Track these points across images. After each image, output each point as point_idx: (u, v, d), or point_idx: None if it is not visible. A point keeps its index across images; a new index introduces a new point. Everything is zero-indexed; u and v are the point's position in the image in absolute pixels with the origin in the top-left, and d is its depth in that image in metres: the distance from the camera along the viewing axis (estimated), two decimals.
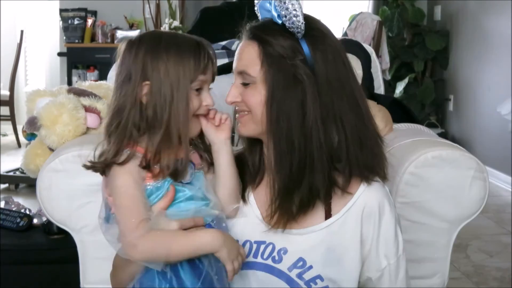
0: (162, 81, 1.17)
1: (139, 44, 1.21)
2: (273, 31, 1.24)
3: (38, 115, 1.76)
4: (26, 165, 1.85)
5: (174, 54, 1.19)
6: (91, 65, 5.82)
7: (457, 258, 3.07)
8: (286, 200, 1.25)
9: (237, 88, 1.28)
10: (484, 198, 1.61)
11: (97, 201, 1.58)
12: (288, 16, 1.22)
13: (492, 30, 4.96)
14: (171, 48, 1.19)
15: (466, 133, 5.43)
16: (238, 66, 1.28)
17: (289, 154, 1.22)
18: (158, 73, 1.17)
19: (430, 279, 1.65)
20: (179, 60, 1.19)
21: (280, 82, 1.22)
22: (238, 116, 1.29)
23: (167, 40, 1.21)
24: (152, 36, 1.25)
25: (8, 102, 6.02)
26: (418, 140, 1.70)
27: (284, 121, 1.21)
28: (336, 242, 1.28)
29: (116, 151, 1.17)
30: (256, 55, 1.24)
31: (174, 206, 1.18)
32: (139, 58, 1.19)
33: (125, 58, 1.22)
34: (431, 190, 1.59)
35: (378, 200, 1.29)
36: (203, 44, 1.24)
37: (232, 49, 2.23)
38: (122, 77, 1.20)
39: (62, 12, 5.85)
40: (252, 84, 1.25)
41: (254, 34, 1.26)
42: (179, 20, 5.62)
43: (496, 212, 3.96)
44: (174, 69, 1.18)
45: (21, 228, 2.18)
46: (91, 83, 2.05)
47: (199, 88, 1.21)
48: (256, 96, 1.24)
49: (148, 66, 1.18)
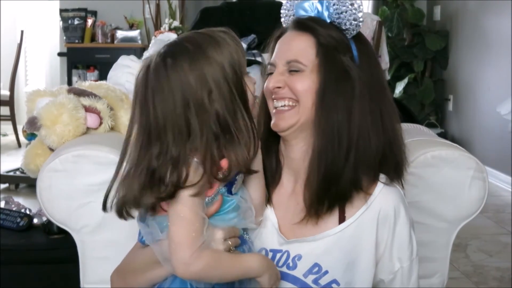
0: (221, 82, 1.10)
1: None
2: (325, 25, 1.28)
3: (38, 115, 1.76)
4: (26, 165, 1.85)
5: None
6: (91, 65, 5.83)
7: (456, 258, 3.07)
8: (319, 199, 1.24)
9: (281, 75, 1.27)
10: (484, 198, 1.61)
11: (97, 201, 1.58)
12: (343, 14, 1.27)
13: (492, 30, 4.96)
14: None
15: (465, 133, 5.43)
16: (288, 56, 1.27)
17: (332, 147, 1.22)
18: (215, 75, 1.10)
19: (429, 278, 1.65)
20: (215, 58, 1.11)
21: (332, 73, 1.24)
22: (279, 110, 1.27)
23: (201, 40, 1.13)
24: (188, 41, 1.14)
25: (8, 102, 6.02)
26: (418, 140, 1.70)
27: (334, 112, 1.23)
28: (351, 245, 1.27)
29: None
30: (309, 44, 1.26)
31: (219, 216, 1.14)
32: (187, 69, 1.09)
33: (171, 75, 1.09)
34: (430, 190, 1.59)
35: (394, 203, 1.29)
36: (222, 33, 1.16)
37: None
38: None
39: (62, 12, 5.85)
40: (300, 72, 1.26)
41: (306, 25, 1.28)
42: (179, 20, 5.62)
43: (495, 212, 3.96)
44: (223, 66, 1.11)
45: (21, 228, 2.19)
46: (91, 83, 2.05)
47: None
48: (306, 83, 1.25)
49: (205, 72, 1.10)
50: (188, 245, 1.06)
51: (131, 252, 1.26)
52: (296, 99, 1.26)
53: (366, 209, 1.28)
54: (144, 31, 5.91)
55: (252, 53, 2.23)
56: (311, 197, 1.25)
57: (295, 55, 1.26)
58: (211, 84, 1.08)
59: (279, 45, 1.31)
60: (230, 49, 1.11)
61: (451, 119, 5.76)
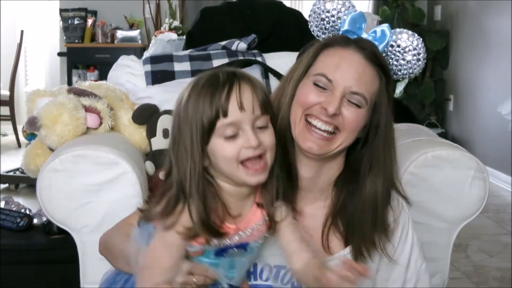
0: (184, 129, 1.08)
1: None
2: (388, 65, 1.27)
3: (38, 115, 1.76)
4: (26, 165, 1.85)
5: (192, 94, 1.09)
6: (91, 65, 5.82)
7: (457, 258, 3.07)
8: (367, 237, 1.26)
9: (340, 101, 1.21)
10: (484, 198, 1.61)
11: (97, 201, 1.58)
12: (407, 65, 1.27)
13: (492, 30, 4.96)
14: (192, 87, 1.10)
15: (466, 133, 5.42)
16: (356, 87, 1.21)
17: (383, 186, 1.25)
18: (183, 119, 1.08)
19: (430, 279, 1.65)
20: (195, 101, 1.08)
21: (383, 117, 1.25)
22: (317, 133, 1.22)
23: (196, 78, 1.12)
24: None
25: (8, 102, 6.01)
26: (418, 140, 1.70)
27: (382, 153, 1.26)
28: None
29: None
30: (375, 81, 1.24)
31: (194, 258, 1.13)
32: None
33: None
34: (431, 190, 1.59)
35: (402, 223, 1.31)
36: (226, 77, 1.09)
37: (232, 49, 2.23)
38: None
39: (62, 12, 5.85)
40: (359, 108, 1.22)
41: (378, 60, 1.25)
42: (179, 20, 5.62)
43: (496, 212, 3.96)
44: (192, 112, 1.07)
45: (21, 228, 2.18)
46: (91, 83, 2.04)
47: (232, 135, 1.07)
48: (361, 120, 1.23)
49: (181, 111, 1.09)
50: (150, 274, 1.08)
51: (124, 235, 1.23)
52: (340, 129, 1.23)
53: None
54: (144, 31, 5.91)
55: (252, 53, 2.22)
56: (357, 236, 1.26)
57: (364, 89, 1.22)
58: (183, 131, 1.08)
59: (343, 64, 1.22)
60: (204, 106, 1.07)
61: (452, 119, 5.75)
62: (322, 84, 1.22)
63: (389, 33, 1.25)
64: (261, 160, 1.08)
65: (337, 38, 1.28)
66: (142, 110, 1.90)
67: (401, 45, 1.27)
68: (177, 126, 1.09)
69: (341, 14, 1.30)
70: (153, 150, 1.87)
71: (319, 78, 1.22)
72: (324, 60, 1.24)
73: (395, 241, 1.30)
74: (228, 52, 2.20)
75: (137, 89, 2.00)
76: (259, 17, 2.57)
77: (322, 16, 1.30)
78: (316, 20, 1.32)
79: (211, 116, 1.05)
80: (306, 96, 1.23)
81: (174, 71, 2.10)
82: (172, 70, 2.10)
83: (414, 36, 1.27)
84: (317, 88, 1.22)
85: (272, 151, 1.10)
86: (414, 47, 1.27)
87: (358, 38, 1.26)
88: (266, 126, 1.10)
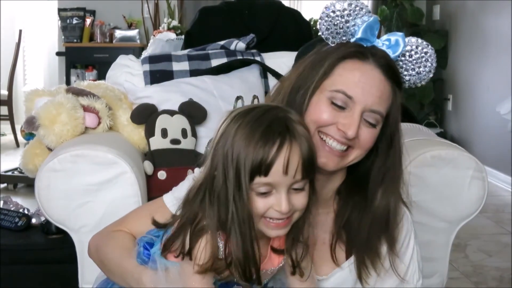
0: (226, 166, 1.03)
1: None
2: (399, 74, 1.23)
3: (36, 115, 1.75)
4: (25, 164, 1.85)
5: (242, 131, 1.03)
6: (90, 65, 5.82)
7: (456, 258, 3.07)
8: (372, 246, 1.24)
9: (359, 124, 1.16)
10: (483, 197, 1.61)
11: (95, 201, 1.58)
12: (413, 76, 1.24)
13: (491, 29, 4.96)
14: (242, 125, 1.03)
15: (465, 132, 5.42)
16: (375, 104, 1.17)
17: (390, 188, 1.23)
18: (224, 154, 1.03)
19: (429, 278, 1.65)
20: (245, 142, 1.02)
21: (398, 121, 1.23)
22: (332, 150, 1.18)
23: (248, 113, 1.05)
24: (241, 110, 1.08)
25: (7, 102, 6.01)
26: (417, 140, 1.69)
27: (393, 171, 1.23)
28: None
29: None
30: (390, 95, 1.20)
31: None
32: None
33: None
34: (430, 190, 1.59)
35: (404, 232, 1.30)
36: (280, 130, 1.03)
37: (231, 49, 2.23)
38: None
39: (60, 11, 5.85)
40: (375, 126, 1.19)
41: (394, 74, 1.20)
42: (177, 20, 5.61)
43: (495, 211, 3.96)
44: (242, 153, 1.02)
45: (19, 228, 2.18)
46: (89, 83, 2.04)
47: (265, 192, 1.03)
48: (374, 137, 1.19)
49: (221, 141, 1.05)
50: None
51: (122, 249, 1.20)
52: (354, 147, 1.19)
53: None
54: (143, 30, 5.91)
55: (251, 53, 2.22)
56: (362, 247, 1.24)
57: (383, 107, 1.18)
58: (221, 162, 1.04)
59: (364, 80, 1.16)
60: (256, 150, 1.01)
61: (451, 118, 5.75)
62: (340, 102, 1.16)
63: (402, 44, 1.20)
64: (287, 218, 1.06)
65: (353, 49, 1.20)
66: (141, 109, 1.90)
67: (413, 56, 1.22)
68: (220, 159, 1.04)
69: (357, 20, 1.22)
70: (151, 149, 1.87)
71: (337, 95, 1.16)
72: (342, 74, 1.17)
73: (397, 248, 1.28)
74: (227, 51, 2.20)
75: (135, 89, 2.00)
76: (258, 17, 2.57)
77: (336, 22, 1.22)
78: (327, 24, 1.23)
79: (253, 170, 1.01)
80: (321, 114, 1.17)
81: (173, 70, 2.10)
82: (170, 69, 2.10)
83: (428, 46, 1.23)
84: (333, 107, 1.17)
85: (301, 212, 1.07)
86: (426, 58, 1.23)
87: (373, 49, 1.20)
88: (302, 189, 1.05)
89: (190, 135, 1.90)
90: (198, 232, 1.05)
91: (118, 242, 1.22)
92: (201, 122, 1.94)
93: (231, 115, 1.06)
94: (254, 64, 2.12)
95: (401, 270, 1.28)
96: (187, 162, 1.83)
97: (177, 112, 1.91)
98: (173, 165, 1.84)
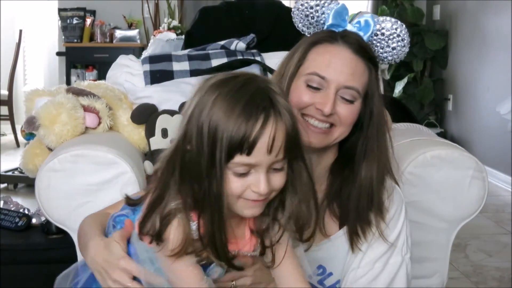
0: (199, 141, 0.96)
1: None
2: (375, 55, 1.30)
3: (36, 115, 1.75)
4: (25, 164, 1.85)
5: (221, 101, 0.95)
6: (90, 65, 5.82)
7: (456, 258, 3.07)
8: (361, 217, 1.28)
9: (334, 101, 1.23)
10: (483, 197, 1.61)
11: (96, 200, 1.58)
12: (389, 52, 1.29)
13: (491, 29, 4.96)
14: (221, 96, 0.95)
15: (465, 132, 5.42)
16: (349, 81, 1.24)
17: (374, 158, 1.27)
18: (203, 126, 0.96)
19: (429, 278, 1.65)
20: (224, 119, 0.94)
21: (375, 105, 1.28)
22: (314, 128, 1.25)
23: (227, 83, 0.98)
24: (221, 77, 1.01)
25: (7, 102, 6.01)
26: (417, 140, 1.69)
27: (376, 141, 1.27)
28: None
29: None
30: (364, 71, 1.26)
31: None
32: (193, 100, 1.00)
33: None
34: (430, 190, 1.59)
35: (395, 206, 1.31)
36: (263, 105, 0.95)
37: (231, 49, 2.23)
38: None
39: (60, 11, 5.85)
40: (353, 102, 1.25)
41: (366, 53, 1.26)
42: (178, 20, 5.61)
43: (495, 211, 3.96)
44: (221, 125, 0.94)
45: (19, 228, 2.18)
46: (89, 83, 2.04)
47: (244, 173, 0.96)
48: (355, 114, 1.26)
49: (195, 112, 0.98)
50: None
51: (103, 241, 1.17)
52: (336, 125, 1.26)
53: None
54: (143, 30, 5.91)
55: (251, 53, 2.22)
56: (352, 217, 1.27)
57: (357, 83, 1.24)
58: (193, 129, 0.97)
59: (334, 61, 1.25)
60: (232, 121, 0.94)
61: (451, 118, 5.75)
62: (315, 84, 1.25)
63: (372, 23, 1.28)
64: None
65: (323, 34, 1.29)
66: (141, 109, 1.90)
67: (385, 33, 1.29)
68: (194, 131, 0.97)
69: (325, 8, 1.32)
70: (151, 149, 1.87)
71: (312, 78, 1.25)
72: (314, 59, 1.27)
73: (388, 219, 1.31)
74: (227, 51, 2.20)
75: (136, 89, 2.00)
76: (258, 17, 2.57)
77: (306, 13, 1.33)
78: (300, 17, 1.35)
79: (232, 147, 0.94)
80: (299, 97, 1.25)
81: (173, 70, 2.10)
82: (171, 69, 2.10)
83: (397, 23, 1.30)
84: (310, 89, 1.25)
85: (277, 191, 1.01)
86: (398, 34, 1.29)
87: (344, 32, 1.28)
88: (282, 169, 0.99)
89: None
90: (167, 216, 0.99)
91: (96, 218, 1.24)
92: None
93: (207, 83, 0.99)
94: (254, 64, 2.12)
95: (391, 239, 1.30)
96: None
97: (178, 112, 1.91)
98: None
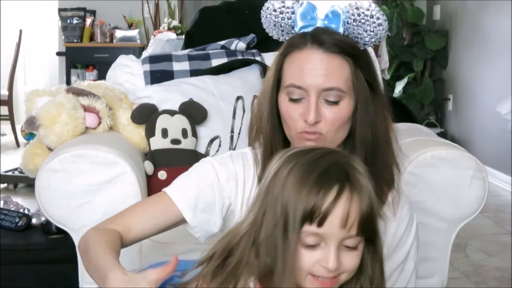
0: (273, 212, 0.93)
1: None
2: (352, 43, 1.22)
3: (37, 115, 1.76)
4: (25, 164, 1.85)
5: (294, 180, 0.93)
6: (90, 65, 5.82)
7: (456, 258, 3.06)
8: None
9: (317, 105, 1.18)
10: (484, 197, 1.61)
11: (96, 201, 1.58)
12: (365, 36, 1.22)
13: (491, 29, 4.96)
14: (296, 167, 0.93)
15: (465, 132, 5.42)
16: (325, 82, 1.18)
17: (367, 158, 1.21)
18: (272, 199, 0.94)
19: (429, 278, 1.65)
20: (297, 190, 0.91)
21: (363, 93, 1.21)
22: (307, 136, 1.20)
23: (304, 154, 0.96)
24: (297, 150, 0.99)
25: (7, 102, 6.01)
26: (417, 140, 1.70)
27: (371, 132, 1.22)
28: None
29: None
30: (340, 67, 1.19)
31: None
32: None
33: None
34: (430, 190, 1.59)
35: (409, 214, 1.29)
36: (338, 175, 0.92)
37: (231, 49, 2.23)
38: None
39: (60, 11, 5.84)
40: (339, 102, 1.19)
41: (341, 48, 1.19)
42: (178, 20, 5.61)
43: (495, 211, 3.95)
44: (287, 201, 0.92)
45: (19, 228, 2.18)
46: (90, 83, 2.04)
47: (313, 245, 0.92)
48: (346, 112, 1.20)
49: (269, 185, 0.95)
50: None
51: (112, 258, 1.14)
52: (323, 131, 1.20)
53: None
54: (143, 30, 5.90)
55: (252, 53, 2.22)
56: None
57: (336, 81, 1.18)
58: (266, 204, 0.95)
59: (306, 66, 1.19)
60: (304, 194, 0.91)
61: (451, 118, 5.75)
62: (296, 95, 1.20)
63: (341, 11, 1.22)
64: (334, 277, 0.94)
65: (294, 40, 1.24)
66: (141, 109, 1.90)
67: (357, 19, 1.22)
68: (269, 204, 0.95)
69: (289, 14, 1.26)
70: (152, 149, 1.87)
71: (291, 90, 1.20)
72: (288, 69, 1.22)
73: (400, 230, 1.28)
74: (227, 51, 2.20)
75: (136, 89, 2.00)
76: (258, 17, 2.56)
77: (274, 22, 1.29)
78: (270, 28, 1.31)
79: (303, 217, 0.90)
80: (287, 114, 1.21)
81: (173, 70, 2.10)
82: (171, 69, 2.10)
83: (370, 5, 1.25)
84: (292, 102, 1.20)
85: (350, 274, 0.95)
86: (371, 15, 1.22)
87: (313, 31, 1.22)
88: (355, 248, 0.94)
89: (190, 135, 1.90)
90: (235, 275, 0.96)
91: (106, 238, 1.20)
92: (202, 122, 1.94)
93: (285, 155, 0.98)
94: (255, 64, 2.12)
95: (404, 251, 1.28)
96: (187, 162, 1.83)
97: (178, 112, 1.91)
98: (173, 165, 1.84)
